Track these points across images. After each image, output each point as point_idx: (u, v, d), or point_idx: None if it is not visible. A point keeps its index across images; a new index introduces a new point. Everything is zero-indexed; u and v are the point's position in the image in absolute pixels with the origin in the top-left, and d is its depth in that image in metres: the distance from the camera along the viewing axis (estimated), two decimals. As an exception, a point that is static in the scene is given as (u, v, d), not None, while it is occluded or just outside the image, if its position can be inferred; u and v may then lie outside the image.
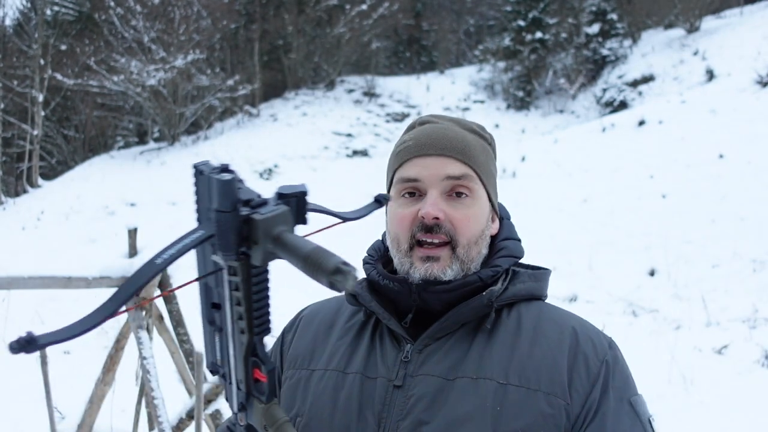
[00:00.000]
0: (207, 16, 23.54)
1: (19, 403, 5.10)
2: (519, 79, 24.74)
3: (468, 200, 0.99)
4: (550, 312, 1.01)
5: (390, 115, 23.84)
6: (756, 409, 4.26)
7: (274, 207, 0.60)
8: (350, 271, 0.51)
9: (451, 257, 0.97)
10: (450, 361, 0.94)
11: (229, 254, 0.61)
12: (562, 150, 14.33)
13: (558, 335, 0.96)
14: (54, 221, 15.06)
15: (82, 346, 7.12)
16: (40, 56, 20.01)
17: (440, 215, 0.96)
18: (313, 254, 0.53)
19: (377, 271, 1.03)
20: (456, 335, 0.96)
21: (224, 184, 0.59)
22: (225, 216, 0.59)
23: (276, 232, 0.58)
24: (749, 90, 13.25)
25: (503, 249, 1.04)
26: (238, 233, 0.59)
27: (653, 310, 6.80)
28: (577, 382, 0.91)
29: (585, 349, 0.94)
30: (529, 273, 1.04)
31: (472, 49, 32.72)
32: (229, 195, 0.59)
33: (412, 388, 0.92)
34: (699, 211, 9.50)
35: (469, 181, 0.99)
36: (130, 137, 25.39)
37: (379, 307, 1.00)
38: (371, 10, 25.75)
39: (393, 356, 0.97)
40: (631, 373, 0.98)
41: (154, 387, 2.74)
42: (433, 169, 0.99)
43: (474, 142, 1.03)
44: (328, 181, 17.38)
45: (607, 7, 23.71)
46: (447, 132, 1.03)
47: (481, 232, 1.00)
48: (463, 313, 0.96)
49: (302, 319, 1.14)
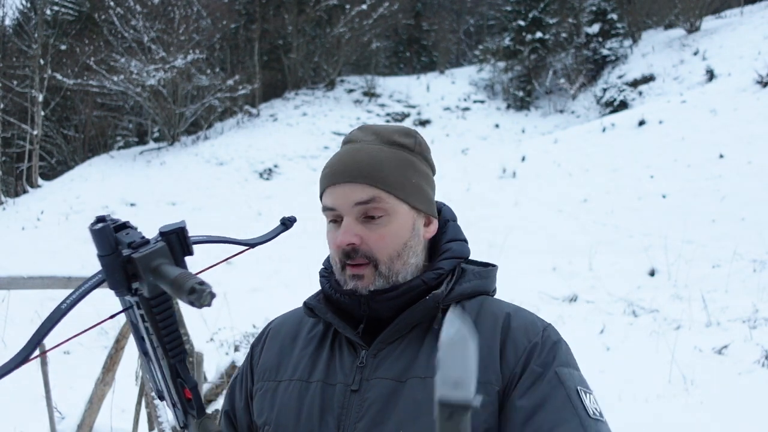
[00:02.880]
0: (207, 16, 23.54)
1: (19, 403, 5.10)
2: (519, 79, 24.74)
3: (382, 219, 1.02)
4: (489, 305, 1.05)
5: (390, 115, 23.83)
6: (756, 409, 4.25)
7: (152, 245, 0.69)
8: (204, 289, 0.58)
9: (374, 274, 1.01)
10: (402, 363, 0.98)
11: (121, 291, 0.71)
12: (562, 150, 14.33)
13: (493, 324, 1.00)
14: (54, 221, 15.06)
15: (82, 346, 7.12)
16: (40, 56, 20.00)
17: (354, 240, 1.01)
18: (177, 279, 0.61)
19: (330, 285, 1.08)
20: (408, 338, 1.01)
21: (96, 233, 0.68)
22: (106, 259, 0.69)
23: (154, 265, 0.67)
24: (749, 90, 13.25)
25: (447, 251, 1.08)
26: (124, 272, 0.69)
27: (653, 310, 6.79)
28: (504, 365, 0.95)
29: (516, 334, 0.98)
30: (476, 271, 1.08)
31: (472, 49, 32.71)
32: (104, 241, 0.68)
33: (368, 391, 0.98)
34: (699, 211, 9.50)
35: (379, 202, 1.01)
36: (130, 137, 25.38)
37: (334, 317, 1.05)
38: (371, 10, 25.74)
39: (350, 362, 1.03)
40: (568, 355, 0.99)
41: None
42: (344, 197, 1.02)
43: (386, 159, 1.05)
44: (328, 181, 17.37)
45: (607, 7, 23.71)
46: (356, 155, 1.05)
47: (402, 245, 1.03)
48: (411, 317, 1.00)
49: (269, 332, 1.20)
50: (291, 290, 9.51)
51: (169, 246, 0.71)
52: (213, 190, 17.00)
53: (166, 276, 0.64)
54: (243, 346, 7.22)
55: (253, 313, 7.82)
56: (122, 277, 0.69)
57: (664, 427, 4.13)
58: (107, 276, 0.70)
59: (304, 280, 9.91)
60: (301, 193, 16.48)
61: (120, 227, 0.72)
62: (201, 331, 6.76)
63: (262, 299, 9.06)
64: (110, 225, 0.70)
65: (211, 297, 0.58)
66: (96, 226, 0.69)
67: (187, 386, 0.78)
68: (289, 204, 15.44)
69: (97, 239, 0.69)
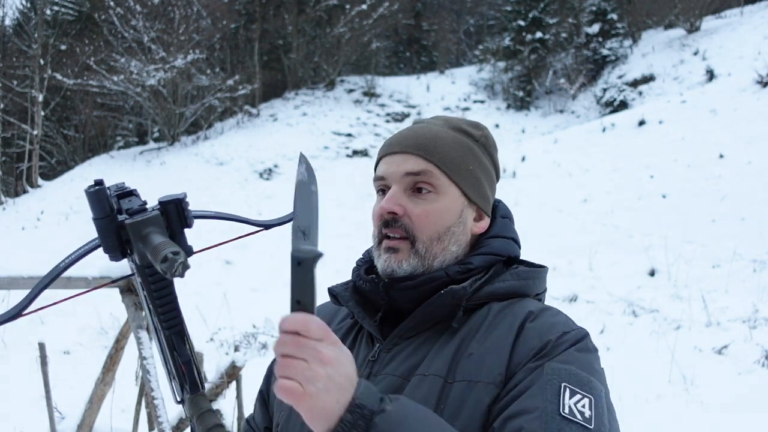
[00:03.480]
0: (207, 16, 23.54)
1: (19, 403, 5.10)
2: (519, 79, 24.74)
3: (430, 196, 0.98)
4: (518, 305, 0.96)
5: (390, 115, 23.83)
6: (756, 409, 4.25)
7: (147, 213, 0.68)
8: (176, 259, 0.56)
9: (410, 251, 0.97)
10: (414, 360, 0.93)
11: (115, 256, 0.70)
12: (562, 150, 14.33)
13: (511, 323, 0.92)
14: (54, 221, 15.06)
15: (82, 346, 7.11)
16: (40, 56, 20.00)
17: (397, 210, 0.97)
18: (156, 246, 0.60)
19: (357, 272, 1.05)
20: (426, 334, 0.96)
21: (91, 195, 0.68)
22: (99, 222, 0.68)
23: (144, 233, 0.66)
24: (749, 90, 13.25)
25: (483, 246, 1.02)
26: (117, 237, 0.68)
27: (653, 310, 6.79)
28: (511, 364, 0.87)
29: (530, 333, 0.89)
30: (515, 271, 1.00)
31: (472, 49, 32.71)
32: (98, 204, 0.68)
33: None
34: (699, 211, 9.50)
35: (429, 176, 0.98)
36: (130, 137, 25.37)
37: (356, 306, 1.01)
38: (371, 10, 25.74)
39: (364, 356, 0.99)
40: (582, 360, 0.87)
41: (154, 387, 2.74)
42: (395, 166, 1.00)
43: (447, 138, 1.02)
44: (327, 181, 17.38)
45: (607, 7, 23.71)
46: (418, 130, 1.03)
47: (445, 228, 0.98)
48: (429, 312, 0.95)
49: None
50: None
51: (166, 216, 0.70)
52: (213, 190, 16.99)
53: (150, 243, 0.63)
54: (243, 346, 7.22)
55: (253, 313, 7.81)
56: (115, 241, 0.69)
57: (664, 427, 4.13)
58: (101, 239, 0.69)
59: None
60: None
61: (126, 194, 0.72)
62: (201, 331, 6.75)
63: (262, 299, 9.05)
64: (106, 188, 0.70)
65: (183, 267, 0.57)
66: (91, 189, 0.69)
67: (180, 360, 0.76)
68: (290, 204, 15.43)
69: (92, 201, 0.69)
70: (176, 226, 0.70)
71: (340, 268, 11.86)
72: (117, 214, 0.69)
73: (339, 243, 10.76)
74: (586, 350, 0.90)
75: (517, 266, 1.02)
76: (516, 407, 0.82)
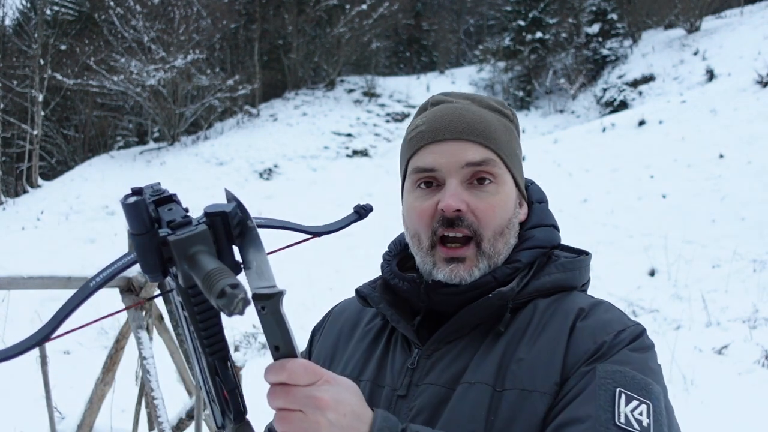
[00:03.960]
0: (207, 16, 23.53)
1: (19, 403, 5.10)
2: (519, 79, 24.74)
3: (492, 187, 0.89)
4: (566, 301, 0.88)
5: (390, 115, 23.83)
6: (756, 409, 4.25)
7: (192, 228, 0.58)
8: (236, 294, 0.49)
9: (477, 255, 0.88)
10: (457, 367, 0.85)
11: (155, 276, 0.60)
12: (562, 150, 14.33)
13: (561, 324, 0.84)
14: (54, 221, 15.06)
15: (82, 346, 7.11)
16: (40, 56, 20.00)
17: (462, 207, 0.86)
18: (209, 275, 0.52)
19: (390, 269, 0.95)
20: (468, 338, 0.88)
21: (129, 208, 0.58)
22: (138, 239, 0.59)
23: (190, 252, 0.57)
24: (749, 90, 13.24)
25: (528, 239, 0.93)
26: (158, 255, 0.59)
27: (653, 310, 6.80)
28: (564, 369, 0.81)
29: (582, 334, 0.82)
30: (561, 262, 0.92)
31: (472, 49, 32.70)
32: (137, 218, 0.58)
33: (415, 398, 0.86)
34: (699, 211, 9.49)
35: (492, 166, 0.88)
36: (130, 137, 25.37)
37: (388, 308, 0.92)
38: (371, 10, 25.74)
39: (401, 363, 0.90)
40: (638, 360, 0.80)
41: (154, 387, 2.74)
42: (451, 155, 0.88)
43: (495, 122, 0.92)
44: (328, 181, 17.37)
45: (607, 7, 23.71)
46: (463, 112, 0.92)
47: (507, 221, 0.90)
48: (473, 315, 0.87)
49: (330, 317, 1.09)
50: (291, 290, 9.48)
51: (213, 230, 0.60)
52: (213, 190, 16.99)
53: (200, 268, 0.54)
54: (243, 346, 7.23)
55: (252, 313, 7.81)
56: (156, 260, 0.59)
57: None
58: (139, 258, 0.60)
59: (303, 279, 9.91)
60: (303, 193, 16.49)
61: (164, 200, 0.62)
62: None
63: (262, 299, 9.03)
64: (147, 199, 0.60)
65: (243, 304, 0.49)
66: (129, 200, 0.58)
67: (225, 388, 0.68)
68: (290, 204, 15.44)
69: (130, 215, 0.58)
70: (223, 242, 0.61)
71: (340, 268, 11.92)
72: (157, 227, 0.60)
73: (340, 243, 10.75)
74: (642, 348, 0.82)
75: (557, 255, 0.94)
76: (567, 415, 0.75)
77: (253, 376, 5.58)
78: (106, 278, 0.61)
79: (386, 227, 11.62)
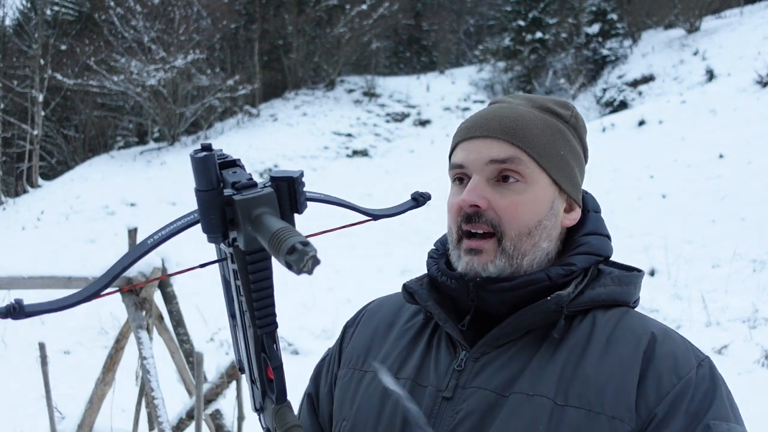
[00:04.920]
0: (207, 16, 23.54)
1: (19, 403, 5.10)
2: (519, 79, 24.74)
3: (518, 185, 0.87)
4: (630, 320, 0.86)
5: (390, 115, 23.84)
6: (756, 409, 4.25)
7: (259, 189, 0.58)
8: (307, 251, 0.47)
9: (496, 250, 0.86)
10: (508, 373, 0.83)
11: (216, 237, 0.60)
12: (562, 150, 14.33)
13: (633, 346, 0.81)
14: (54, 221, 15.06)
15: (82, 346, 7.12)
16: (40, 56, 20.01)
17: (480, 203, 0.86)
18: (278, 233, 0.50)
19: (437, 267, 0.94)
20: (520, 343, 0.85)
21: (198, 162, 0.58)
22: (204, 195, 0.58)
23: (256, 213, 0.56)
24: (749, 90, 13.25)
25: (583, 245, 0.90)
26: (221, 214, 0.58)
27: (653, 310, 6.80)
28: (642, 401, 0.77)
29: (660, 364, 0.79)
30: (615, 275, 0.90)
31: (472, 49, 32.71)
32: (205, 173, 0.58)
33: (462, 401, 0.83)
34: (699, 211, 9.50)
35: (518, 164, 0.87)
36: (130, 137, 25.38)
37: (436, 306, 0.90)
38: (371, 10, 25.75)
39: (446, 364, 0.88)
40: (728, 404, 0.80)
41: (154, 387, 2.74)
42: (477, 152, 0.89)
43: (534, 120, 0.90)
44: (328, 181, 17.37)
45: (607, 7, 23.71)
46: (502, 111, 0.92)
47: (536, 222, 0.87)
48: (527, 318, 0.84)
49: (365, 313, 1.07)
50: (291, 290, 9.50)
51: (278, 195, 0.60)
52: (213, 190, 17.00)
53: (267, 228, 0.53)
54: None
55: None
56: (219, 219, 0.58)
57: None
58: (202, 216, 0.59)
59: (303, 279, 9.91)
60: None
61: (229, 164, 0.62)
62: (201, 331, 6.75)
63: (262, 299, 9.03)
64: (215, 155, 0.59)
65: (314, 263, 0.47)
66: (199, 154, 0.58)
67: (271, 365, 0.66)
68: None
69: (198, 169, 0.58)
70: (287, 210, 0.61)
71: (340, 268, 11.89)
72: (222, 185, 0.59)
73: (340, 243, 10.75)
74: (722, 386, 0.81)
75: (606, 268, 0.92)
76: None
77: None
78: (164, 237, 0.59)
79: (386, 227, 11.62)
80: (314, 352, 6.74)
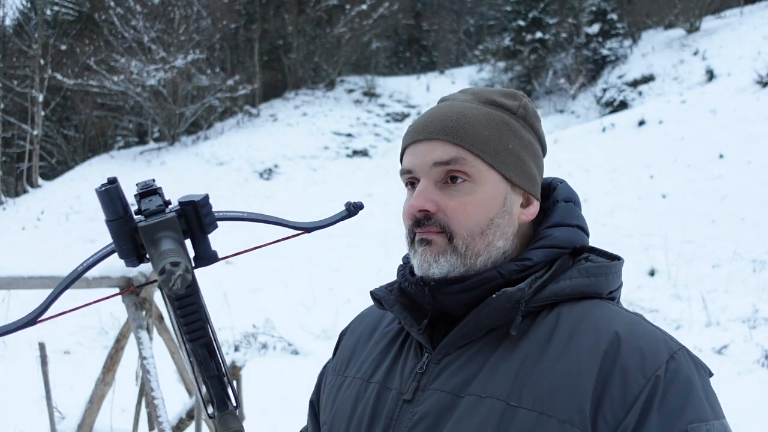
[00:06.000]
0: (207, 16, 23.54)
1: (19, 403, 5.10)
2: (519, 79, 24.74)
3: (465, 185, 0.85)
4: (595, 315, 0.81)
5: (390, 115, 23.84)
6: (756, 409, 4.25)
7: (163, 215, 0.61)
8: (174, 271, 0.50)
9: (447, 246, 0.85)
10: (466, 373, 0.82)
11: (131, 261, 0.64)
12: (562, 150, 14.33)
13: (592, 343, 0.77)
14: (54, 221, 15.06)
15: (82, 346, 7.12)
16: (40, 56, 20.01)
17: (428, 206, 0.85)
18: (160, 255, 0.55)
19: (403, 273, 0.94)
20: (480, 343, 0.84)
21: (102, 195, 0.62)
22: (112, 225, 0.62)
23: (157, 237, 0.59)
24: (749, 90, 13.25)
25: (543, 238, 0.88)
26: (131, 240, 0.62)
27: (653, 310, 6.80)
28: (607, 406, 0.73)
29: (626, 363, 0.75)
30: (583, 267, 0.85)
31: (472, 49, 32.71)
32: (110, 204, 0.62)
33: (420, 403, 0.83)
34: (699, 211, 9.50)
35: (462, 164, 0.85)
36: (130, 137, 25.39)
37: (401, 311, 0.89)
38: (371, 10, 25.75)
39: (411, 367, 0.88)
40: (706, 399, 0.76)
41: (154, 387, 2.74)
42: (422, 156, 0.87)
43: (477, 117, 0.88)
44: (328, 181, 17.38)
45: (607, 7, 23.71)
46: (444, 110, 0.90)
47: (488, 221, 0.85)
48: (483, 318, 0.82)
49: (356, 319, 1.08)
50: (291, 290, 9.50)
51: (186, 219, 0.64)
52: (213, 190, 16.99)
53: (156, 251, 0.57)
54: (243, 346, 7.23)
55: (253, 313, 7.82)
56: (130, 246, 0.62)
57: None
58: (115, 244, 0.63)
59: (303, 279, 9.92)
60: (303, 194, 16.49)
61: (148, 193, 0.65)
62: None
63: (262, 299, 9.05)
64: (117, 186, 0.63)
65: (182, 282, 0.50)
66: (102, 188, 0.62)
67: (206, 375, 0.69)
68: (290, 204, 15.44)
69: (104, 201, 0.62)
70: (196, 231, 0.64)
71: (340, 268, 11.89)
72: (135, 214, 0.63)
73: (340, 243, 10.76)
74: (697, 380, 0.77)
75: (586, 258, 0.88)
76: None
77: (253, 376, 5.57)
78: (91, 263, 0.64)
79: (386, 227, 11.62)
80: (314, 352, 6.74)
